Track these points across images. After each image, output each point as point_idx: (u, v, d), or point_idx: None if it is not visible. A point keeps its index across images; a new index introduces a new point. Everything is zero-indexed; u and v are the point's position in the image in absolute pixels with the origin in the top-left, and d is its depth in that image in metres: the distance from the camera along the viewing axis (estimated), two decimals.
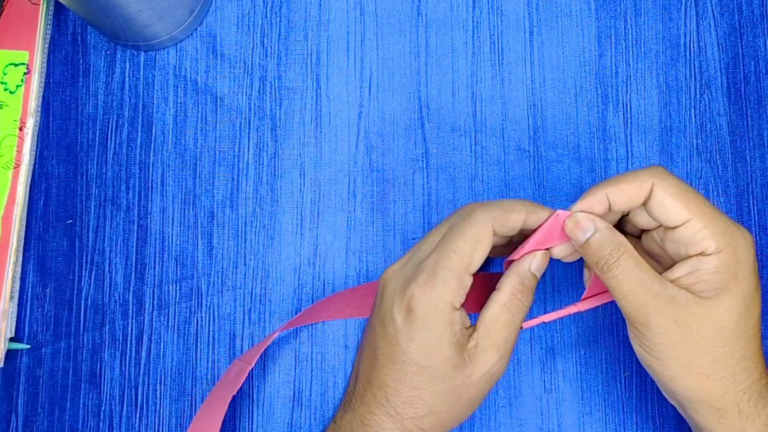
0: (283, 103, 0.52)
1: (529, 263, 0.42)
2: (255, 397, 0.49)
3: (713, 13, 0.53)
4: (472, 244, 0.40)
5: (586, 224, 0.40)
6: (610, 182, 0.40)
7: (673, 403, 0.42)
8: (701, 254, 0.39)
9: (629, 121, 0.52)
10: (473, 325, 0.42)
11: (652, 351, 0.39)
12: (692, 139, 0.51)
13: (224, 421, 0.48)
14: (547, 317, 0.44)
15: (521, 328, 0.42)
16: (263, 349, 0.47)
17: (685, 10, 0.53)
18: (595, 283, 0.44)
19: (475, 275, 0.42)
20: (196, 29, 0.52)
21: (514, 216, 0.41)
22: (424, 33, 0.52)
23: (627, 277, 0.39)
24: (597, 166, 0.51)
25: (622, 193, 0.40)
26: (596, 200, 0.40)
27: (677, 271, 0.39)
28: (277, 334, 0.47)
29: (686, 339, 0.38)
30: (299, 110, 0.52)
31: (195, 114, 0.52)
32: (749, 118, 0.52)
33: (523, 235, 0.44)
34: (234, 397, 0.49)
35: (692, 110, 0.52)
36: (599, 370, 0.49)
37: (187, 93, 0.52)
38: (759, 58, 0.52)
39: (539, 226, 0.42)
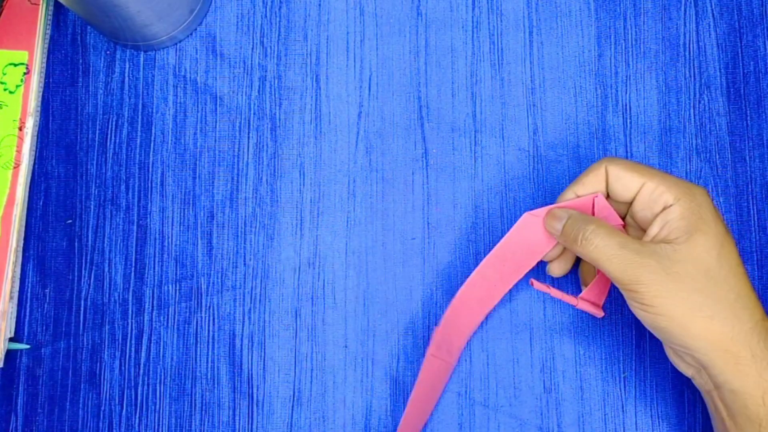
0: (282, 103, 0.52)
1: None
2: (255, 396, 0.49)
3: (713, 13, 0.53)
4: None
5: (560, 214, 0.44)
6: (573, 183, 0.45)
7: (688, 372, 0.43)
8: (664, 208, 0.42)
9: (629, 121, 0.52)
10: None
11: (652, 308, 0.40)
12: (692, 139, 0.51)
13: (224, 421, 0.49)
14: (555, 292, 0.46)
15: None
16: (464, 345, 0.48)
17: (685, 10, 0.53)
18: (593, 287, 0.46)
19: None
20: (196, 29, 0.52)
21: None
22: (424, 33, 0.52)
23: (606, 242, 0.41)
24: None
25: (585, 186, 0.44)
26: (566, 199, 0.45)
27: (651, 232, 0.42)
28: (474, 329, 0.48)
29: (680, 285, 0.40)
30: (299, 110, 0.52)
31: (195, 114, 0.52)
32: (749, 118, 0.52)
33: None
34: (233, 396, 0.49)
35: (692, 110, 0.52)
36: (599, 370, 0.49)
37: (186, 93, 0.52)
38: (758, 58, 0.52)
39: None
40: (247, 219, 0.51)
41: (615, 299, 0.50)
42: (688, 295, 0.40)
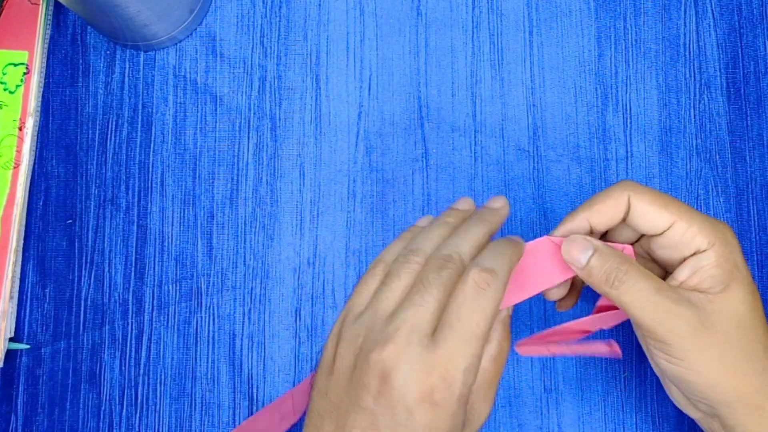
0: (282, 103, 0.52)
1: (508, 310, 0.39)
2: (255, 396, 0.49)
3: (713, 13, 0.53)
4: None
5: (584, 244, 0.38)
6: (585, 207, 0.40)
7: (695, 415, 0.40)
8: (696, 253, 0.38)
9: (629, 121, 0.52)
10: None
11: (682, 363, 0.37)
12: (692, 139, 0.51)
13: (224, 421, 0.49)
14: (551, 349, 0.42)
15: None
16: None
17: (685, 10, 0.53)
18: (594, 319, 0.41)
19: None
20: (196, 29, 0.52)
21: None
22: (424, 33, 0.52)
23: (641, 287, 0.37)
24: (597, 166, 0.51)
25: (601, 214, 0.39)
26: (576, 225, 0.40)
27: (679, 276, 0.38)
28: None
29: (714, 339, 0.37)
30: (299, 110, 0.52)
31: (194, 114, 0.52)
32: (749, 118, 0.52)
33: None
34: (233, 396, 0.49)
35: (692, 110, 0.52)
36: (599, 370, 0.49)
37: (186, 93, 0.52)
38: (758, 58, 0.52)
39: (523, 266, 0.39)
40: (247, 219, 0.51)
41: None
42: (721, 350, 0.37)
